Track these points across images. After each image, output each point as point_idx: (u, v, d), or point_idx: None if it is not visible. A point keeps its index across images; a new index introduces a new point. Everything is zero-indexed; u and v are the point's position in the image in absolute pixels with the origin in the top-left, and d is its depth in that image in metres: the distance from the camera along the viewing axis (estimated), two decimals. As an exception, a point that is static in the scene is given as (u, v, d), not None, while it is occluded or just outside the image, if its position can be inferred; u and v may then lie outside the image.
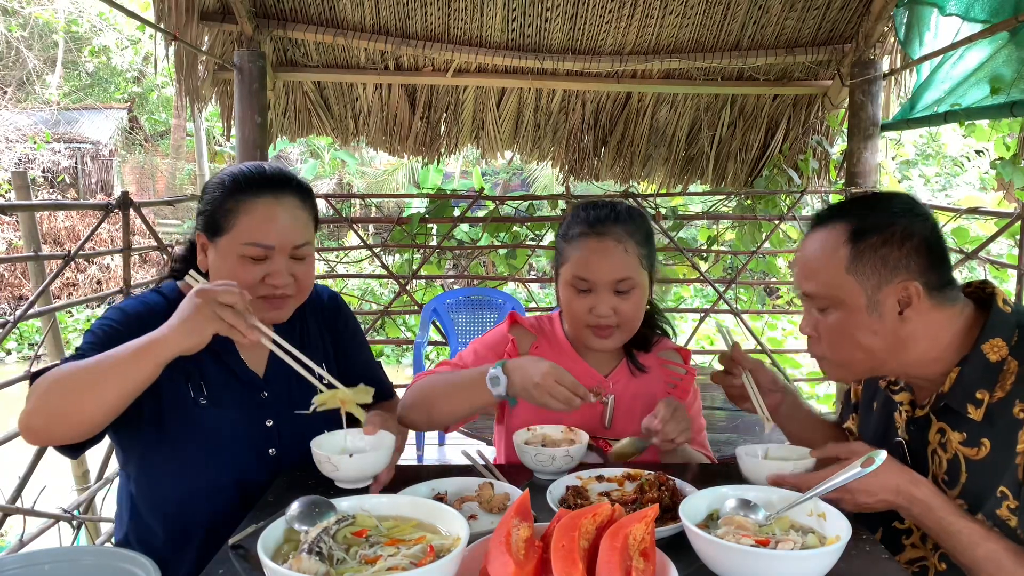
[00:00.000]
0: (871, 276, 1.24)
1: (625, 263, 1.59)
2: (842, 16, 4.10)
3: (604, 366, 1.73)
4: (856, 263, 1.25)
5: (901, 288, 1.23)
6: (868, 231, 1.25)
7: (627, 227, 1.61)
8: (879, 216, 1.26)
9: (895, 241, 1.24)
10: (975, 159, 9.42)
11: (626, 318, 1.61)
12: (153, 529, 1.48)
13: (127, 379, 1.24)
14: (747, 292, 5.16)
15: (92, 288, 12.05)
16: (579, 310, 1.61)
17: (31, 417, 1.26)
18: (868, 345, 1.27)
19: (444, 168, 13.62)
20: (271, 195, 1.46)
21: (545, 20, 4.12)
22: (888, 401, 1.45)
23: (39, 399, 1.25)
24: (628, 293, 1.60)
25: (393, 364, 9.67)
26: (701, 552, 1.07)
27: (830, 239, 1.28)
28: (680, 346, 1.84)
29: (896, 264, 1.23)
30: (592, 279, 1.59)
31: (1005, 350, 1.22)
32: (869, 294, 1.24)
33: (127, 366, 1.24)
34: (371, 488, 1.39)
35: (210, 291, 1.25)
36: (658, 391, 1.72)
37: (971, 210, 3.62)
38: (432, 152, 4.82)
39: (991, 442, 1.21)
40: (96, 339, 1.39)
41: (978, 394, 1.23)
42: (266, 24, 4.07)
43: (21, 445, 2.59)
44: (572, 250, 1.62)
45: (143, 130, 18.13)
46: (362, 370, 1.75)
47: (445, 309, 4.41)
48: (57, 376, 1.26)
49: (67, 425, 1.27)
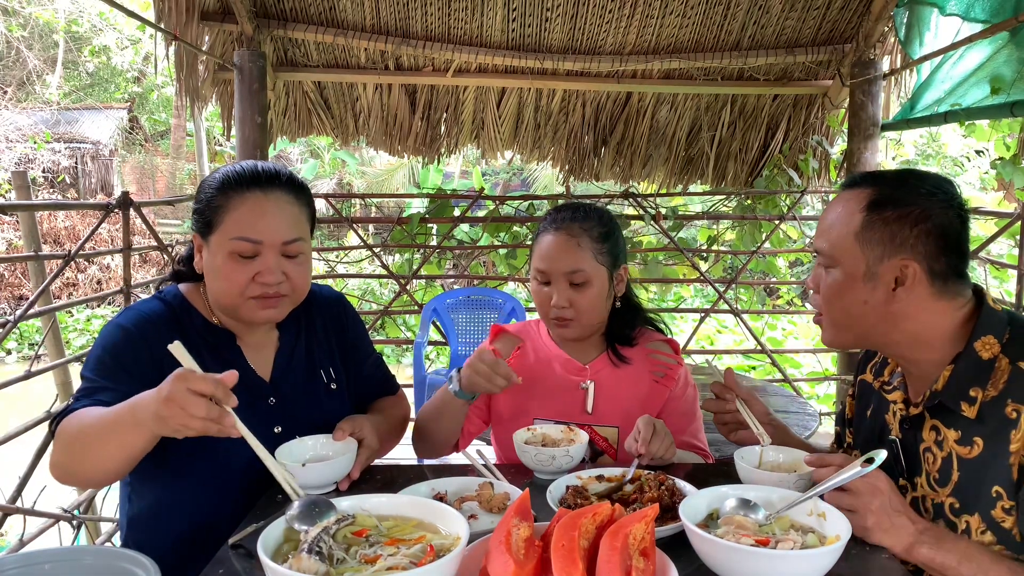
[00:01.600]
0: (875, 247, 1.25)
1: (577, 256, 1.68)
2: (842, 16, 4.10)
3: (585, 356, 1.80)
4: (865, 232, 1.26)
5: (901, 265, 1.24)
6: (886, 203, 1.26)
7: (584, 224, 1.71)
8: (903, 192, 1.26)
9: (909, 220, 1.24)
10: (975, 159, 9.41)
11: (580, 310, 1.69)
12: (155, 531, 1.48)
13: (128, 446, 1.23)
14: (747, 292, 5.16)
15: (92, 288, 12.04)
16: (542, 302, 1.73)
17: (56, 469, 1.31)
18: (856, 313, 1.29)
19: (444, 168, 13.61)
20: (259, 190, 1.45)
21: (545, 20, 4.12)
22: (881, 404, 1.45)
23: (59, 451, 1.30)
24: (582, 286, 1.69)
25: (393, 364, 9.66)
26: (701, 552, 1.07)
27: (851, 203, 1.30)
28: (669, 337, 1.87)
29: (903, 242, 1.24)
30: (547, 270, 1.70)
31: (997, 347, 1.23)
32: (869, 264, 1.26)
33: (128, 434, 1.22)
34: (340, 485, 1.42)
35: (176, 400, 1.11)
36: (643, 380, 1.77)
37: (971, 210, 3.61)
38: (432, 152, 4.82)
39: (983, 441, 1.21)
40: (102, 368, 1.39)
41: (971, 392, 1.23)
42: (266, 24, 4.07)
43: (21, 445, 2.60)
44: (536, 246, 1.75)
45: (143, 130, 18.12)
46: (371, 369, 1.76)
47: (445, 309, 4.41)
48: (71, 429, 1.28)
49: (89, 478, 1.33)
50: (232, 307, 1.46)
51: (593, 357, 1.80)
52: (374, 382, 1.76)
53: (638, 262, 4.83)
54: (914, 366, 1.34)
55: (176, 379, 1.13)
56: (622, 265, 1.77)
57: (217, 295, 1.49)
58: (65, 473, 1.30)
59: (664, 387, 1.78)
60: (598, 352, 1.81)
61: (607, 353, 1.80)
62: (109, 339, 1.42)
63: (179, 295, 1.54)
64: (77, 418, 1.28)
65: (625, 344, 1.81)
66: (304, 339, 1.63)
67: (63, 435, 1.28)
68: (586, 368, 1.78)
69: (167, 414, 1.12)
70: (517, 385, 1.64)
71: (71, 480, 1.33)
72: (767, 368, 6.38)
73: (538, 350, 1.83)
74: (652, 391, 1.77)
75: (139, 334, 1.43)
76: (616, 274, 1.76)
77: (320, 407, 1.59)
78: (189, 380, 1.12)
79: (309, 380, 1.61)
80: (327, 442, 1.46)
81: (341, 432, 1.46)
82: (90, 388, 1.36)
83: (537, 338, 1.86)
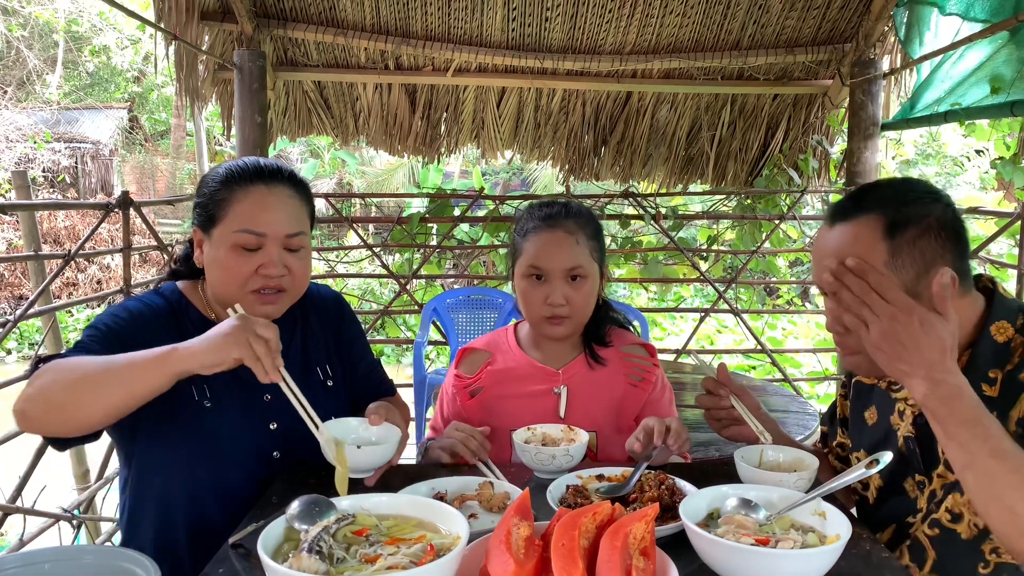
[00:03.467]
0: (910, 269, 1.22)
1: (577, 253, 1.68)
2: (842, 16, 4.10)
3: (559, 360, 1.78)
4: (896, 258, 1.22)
5: (939, 278, 1.21)
6: (904, 224, 1.23)
7: (577, 221, 1.71)
8: (912, 208, 1.24)
9: (932, 232, 1.22)
10: (975, 159, 9.41)
11: (577, 307, 1.69)
12: (154, 530, 1.47)
13: (137, 384, 1.23)
14: (747, 292, 5.17)
15: (92, 288, 12.03)
16: (535, 300, 1.70)
17: (28, 403, 1.24)
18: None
19: (444, 168, 13.60)
20: (263, 184, 1.47)
21: (545, 20, 4.12)
22: (885, 405, 1.44)
23: (39, 387, 1.24)
24: (579, 282, 1.69)
25: (393, 364, 9.65)
26: (701, 551, 1.07)
27: (864, 234, 1.24)
28: (646, 342, 1.86)
29: (933, 255, 1.22)
30: (546, 267, 1.68)
31: (1011, 331, 1.24)
32: (909, 288, 1.22)
33: (139, 371, 1.23)
34: (367, 480, 1.40)
35: (251, 320, 1.26)
36: (618, 384, 1.76)
37: (971, 210, 3.61)
38: (432, 152, 4.81)
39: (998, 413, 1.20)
40: (100, 334, 1.39)
41: (991, 373, 1.24)
42: (266, 24, 4.07)
43: (21, 445, 2.60)
44: (527, 243, 1.72)
45: (143, 130, 18.11)
46: (366, 373, 1.75)
47: (445, 309, 4.41)
48: (63, 367, 1.25)
49: (63, 419, 1.26)
50: (232, 301, 1.46)
51: (567, 361, 1.78)
52: (369, 384, 1.75)
53: (638, 262, 4.84)
54: None
55: (241, 315, 1.28)
56: (605, 264, 1.79)
57: (218, 288, 1.49)
58: (41, 409, 1.24)
59: (641, 391, 1.77)
60: (572, 356, 1.79)
61: (582, 356, 1.78)
62: (110, 314, 1.44)
63: (177, 291, 1.55)
64: (71, 360, 1.26)
65: (600, 344, 1.80)
66: (300, 336, 1.63)
67: (48, 373, 1.25)
68: (558, 373, 1.76)
69: (237, 333, 1.23)
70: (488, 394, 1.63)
71: (38, 421, 1.26)
72: (767, 368, 6.37)
73: (508, 359, 1.81)
74: (628, 395, 1.76)
75: (139, 317, 1.45)
76: (604, 272, 1.77)
77: (316, 405, 1.59)
78: (250, 319, 1.27)
79: (305, 377, 1.61)
80: (365, 425, 1.45)
81: (377, 416, 1.44)
82: (82, 349, 1.35)
83: (506, 347, 1.83)
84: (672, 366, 3.75)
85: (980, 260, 3.59)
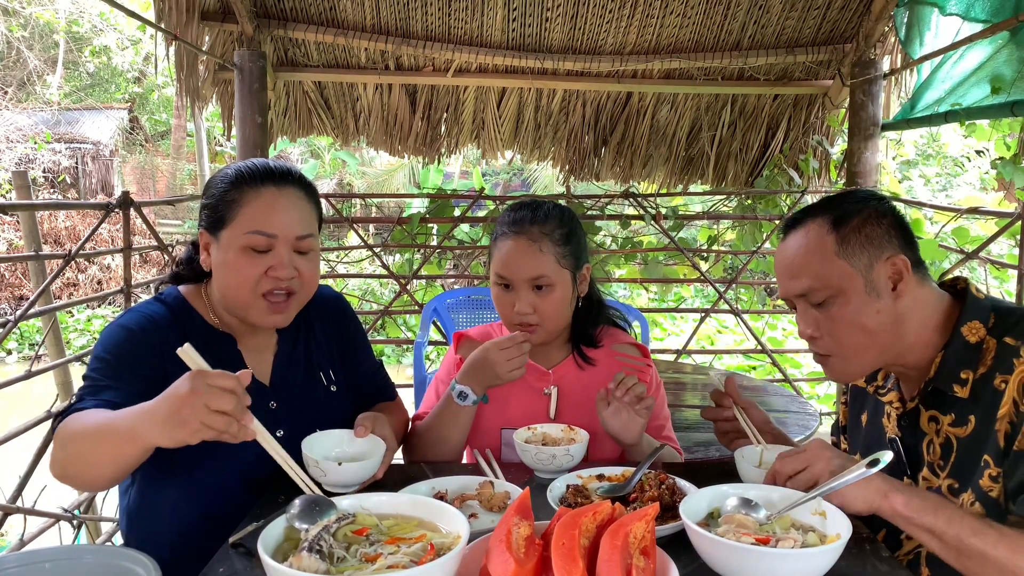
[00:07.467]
0: (861, 256, 1.28)
1: (539, 262, 1.63)
2: (842, 16, 4.10)
3: (550, 360, 1.77)
4: (844, 246, 1.28)
5: (890, 264, 1.27)
6: (847, 216, 1.30)
7: (544, 227, 1.65)
8: (851, 203, 1.31)
9: (873, 219, 1.29)
10: (975, 159, 9.41)
11: (546, 315, 1.66)
12: (155, 530, 1.48)
13: (123, 455, 1.22)
14: (747, 292, 5.16)
15: (92, 288, 12.02)
16: (504, 307, 1.68)
17: (56, 469, 1.29)
18: (874, 327, 1.28)
19: (444, 168, 13.60)
20: (274, 185, 1.45)
21: (545, 20, 4.12)
22: (876, 409, 1.46)
23: (58, 453, 1.28)
24: (546, 291, 1.64)
25: (393, 364, 9.64)
26: (701, 550, 1.07)
27: (811, 233, 1.32)
28: (638, 342, 1.85)
29: (880, 240, 1.28)
30: (509, 277, 1.65)
31: (983, 331, 1.26)
32: (864, 275, 1.27)
33: (120, 446, 1.21)
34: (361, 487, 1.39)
35: (202, 391, 1.08)
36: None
37: (971, 210, 3.61)
38: (432, 152, 4.82)
39: (975, 417, 1.23)
40: (106, 367, 1.38)
41: (963, 374, 1.26)
42: (266, 24, 4.07)
43: (21, 445, 2.60)
44: (495, 250, 1.69)
45: (144, 130, 18.11)
46: (368, 376, 1.75)
47: (445, 309, 4.40)
48: (69, 435, 1.26)
49: (84, 481, 1.32)
50: (242, 305, 1.46)
51: (557, 361, 1.77)
52: (371, 386, 1.75)
53: (638, 262, 4.83)
54: (912, 369, 1.34)
55: (195, 376, 1.09)
56: (584, 265, 1.73)
57: (226, 291, 1.47)
58: (63, 474, 1.29)
59: None
60: (562, 356, 1.78)
61: (572, 356, 1.77)
62: (112, 339, 1.41)
63: (179, 297, 1.53)
64: (77, 420, 1.27)
65: (590, 345, 1.78)
66: (303, 341, 1.63)
67: (62, 435, 1.28)
68: (549, 373, 1.75)
69: (187, 413, 1.07)
70: None
71: (69, 481, 1.32)
72: (767, 368, 6.38)
73: None
74: None
75: (142, 335, 1.42)
76: (579, 275, 1.71)
77: (321, 410, 1.59)
78: (209, 376, 1.09)
79: (309, 383, 1.60)
80: (351, 438, 1.44)
81: (363, 428, 1.43)
82: (93, 387, 1.35)
83: None
84: (672, 366, 3.75)
85: (980, 260, 3.59)
